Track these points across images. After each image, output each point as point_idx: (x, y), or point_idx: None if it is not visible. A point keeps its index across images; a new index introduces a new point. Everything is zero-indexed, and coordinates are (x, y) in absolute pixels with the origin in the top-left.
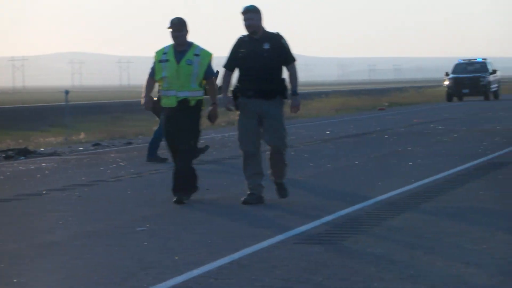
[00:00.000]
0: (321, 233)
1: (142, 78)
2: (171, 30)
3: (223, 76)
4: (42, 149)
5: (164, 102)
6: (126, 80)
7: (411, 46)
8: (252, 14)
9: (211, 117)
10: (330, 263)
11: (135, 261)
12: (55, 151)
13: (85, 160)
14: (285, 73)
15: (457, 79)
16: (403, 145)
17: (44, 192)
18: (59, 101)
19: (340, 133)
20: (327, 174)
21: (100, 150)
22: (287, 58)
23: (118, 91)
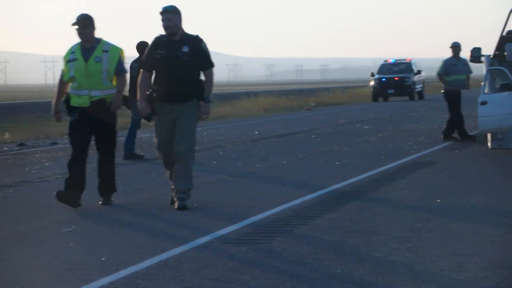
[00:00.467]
0: (249, 233)
1: None
2: (76, 27)
3: (141, 78)
4: None
5: (75, 101)
6: (51, 79)
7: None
8: (170, 15)
9: (113, 104)
10: (258, 262)
11: (61, 262)
12: None
13: (10, 161)
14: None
15: (382, 79)
16: (330, 145)
17: None
18: None
19: (268, 133)
20: (256, 174)
21: (25, 151)
22: (206, 63)
23: (43, 90)
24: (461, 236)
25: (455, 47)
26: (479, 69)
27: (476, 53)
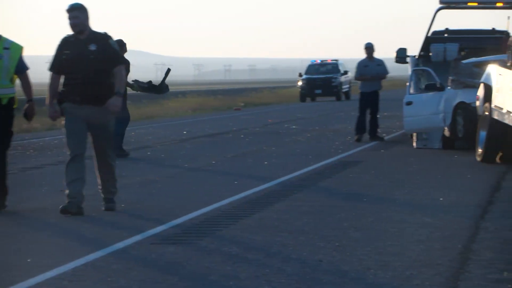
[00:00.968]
0: (177, 234)
1: None
2: None
3: (50, 81)
4: None
5: None
6: None
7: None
8: (77, 12)
9: (28, 115)
10: (186, 263)
11: None
12: None
13: None
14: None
15: (309, 79)
16: (259, 145)
17: None
18: None
19: (197, 132)
20: (184, 174)
21: None
22: (115, 60)
23: None
24: (387, 235)
25: (368, 48)
26: (405, 69)
27: (402, 54)
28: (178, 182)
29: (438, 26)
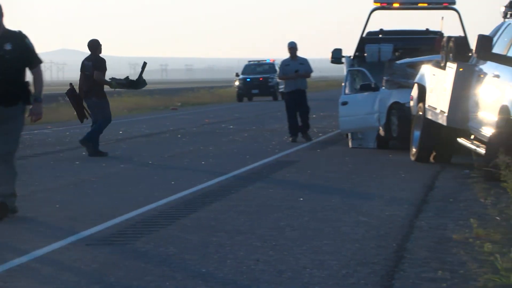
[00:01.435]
0: (113, 234)
1: None
2: None
3: None
4: None
5: None
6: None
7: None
8: None
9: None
10: (122, 263)
11: None
12: None
13: None
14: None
15: (246, 79)
16: (196, 145)
17: None
18: None
19: (133, 132)
20: (120, 174)
21: None
22: (32, 60)
23: None
24: (323, 234)
25: (291, 48)
26: (341, 70)
27: (337, 54)
28: (114, 182)
29: (373, 26)
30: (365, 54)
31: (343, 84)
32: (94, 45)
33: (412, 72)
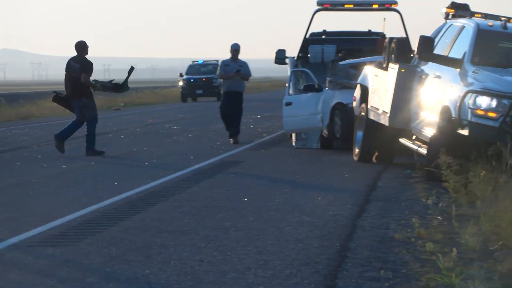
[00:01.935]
0: (55, 235)
1: None
2: None
3: None
4: None
5: None
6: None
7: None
8: None
9: None
10: (65, 265)
11: None
12: None
13: None
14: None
15: (190, 80)
16: (139, 145)
17: None
18: None
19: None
20: (63, 175)
21: None
22: None
23: None
24: (267, 234)
25: (235, 51)
26: (285, 70)
27: (281, 55)
28: (57, 183)
29: (316, 27)
30: (308, 55)
31: (287, 84)
32: (81, 47)
33: (355, 73)
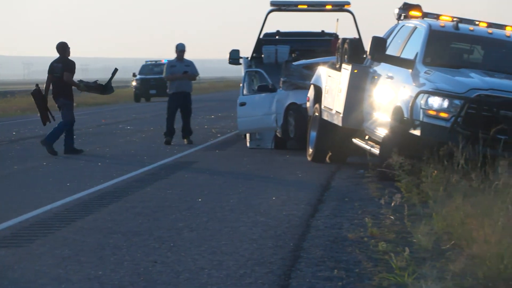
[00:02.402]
0: (7, 236)
1: None
2: None
3: None
4: None
5: None
6: None
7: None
8: None
9: None
10: (17, 266)
11: None
12: None
13: None
14: None
15: (144, 80)
16: (92, 145)
17: None
18: None
19: (27, 133)
20: (14, 176)
21: None
22: None
23: None
24: (221, 235)
25: (181, 51)
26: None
27: (235, 55)
28: (8, 184)
29: (270, 28)
30: (262, 55)
31: (241, 85)
32: (62, 48)
33: (309, 73)
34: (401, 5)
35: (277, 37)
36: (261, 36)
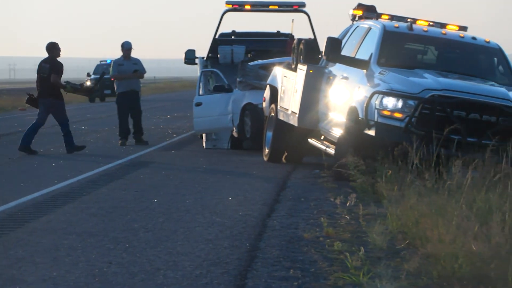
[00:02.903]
0: None
1: None
2: None
3: None
4: None
5: None
6: None
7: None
8: None
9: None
10: None
11: None
12: None
13: None
14: None
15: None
16: (46, 146)
17: None
18: None
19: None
20: None
21: None
22: None
23: None
24: (177, 235)
25: (127, 49)
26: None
27: (190, 55)
28: None
29: (226, 28)
30: (218, 56)
31: (197, 85)
32: (51, 48)
33: (265, 73)
34: (355, 6)
35: (232, 37)
36: (216, 36)
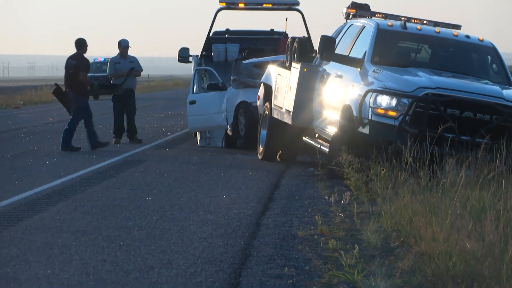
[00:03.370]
0: None
1: None
2: None
3: None
4: None
5: None
6: None
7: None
8: None
9: None
10: None
11: None
12: None
13: None
14: None
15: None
16: (40, 144)
17: None
18: None
19: None
20: None
21: None
22: None
23: None
24: (171, 233)
25: (124, 48)
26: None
27: (184, 53)
28: None
29: (220, 26)
30: (212, 54)
31: (191, 83)
32: (79, 44)
33: (258, 72)
34: (349, 4)
35: (226, 35)
36: (210, 34)
